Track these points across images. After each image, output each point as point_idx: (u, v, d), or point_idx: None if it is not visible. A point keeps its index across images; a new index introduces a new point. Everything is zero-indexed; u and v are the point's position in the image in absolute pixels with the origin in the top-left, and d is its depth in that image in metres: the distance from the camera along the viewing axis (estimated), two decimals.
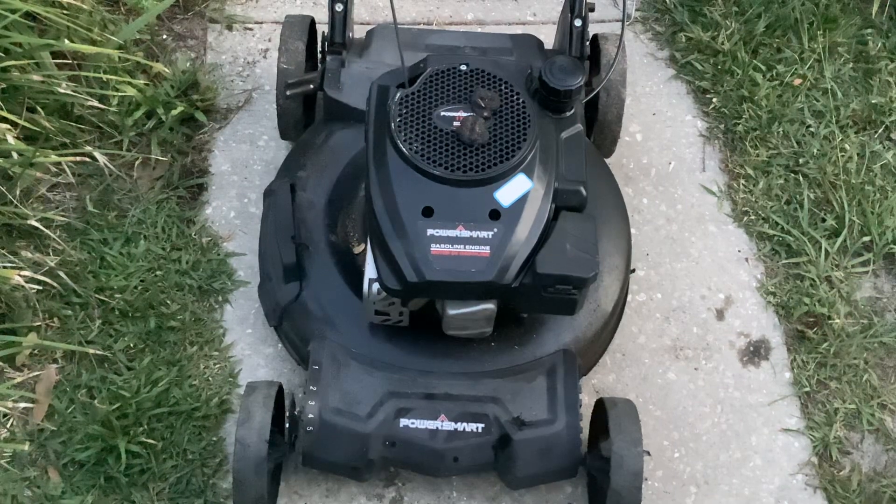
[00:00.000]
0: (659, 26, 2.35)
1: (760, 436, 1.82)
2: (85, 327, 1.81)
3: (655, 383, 1.86)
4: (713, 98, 2.21)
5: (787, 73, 2.23)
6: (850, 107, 2.20)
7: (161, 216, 1.95)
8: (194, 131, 2.09)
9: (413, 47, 1.82)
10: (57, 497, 1.66)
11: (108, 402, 1.72)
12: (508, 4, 2.39)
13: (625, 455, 1.55)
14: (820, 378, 1.88)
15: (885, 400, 1.86)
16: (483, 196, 1.48)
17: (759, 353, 1.91)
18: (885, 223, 2.03)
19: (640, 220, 2.05)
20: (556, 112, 1.57)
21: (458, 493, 1.72)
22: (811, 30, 2.29)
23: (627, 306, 1.91)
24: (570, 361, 1.66)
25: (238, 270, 1.92)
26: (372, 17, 2.32)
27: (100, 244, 1.91)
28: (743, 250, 2.03)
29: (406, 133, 1.51)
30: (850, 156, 2.12)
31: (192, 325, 1.84)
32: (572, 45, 1.88)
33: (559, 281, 1.47)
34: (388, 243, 1.46)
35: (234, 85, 2.18)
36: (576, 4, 1.87)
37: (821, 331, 1.92)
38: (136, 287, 1.86)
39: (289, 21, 1.99)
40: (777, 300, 1.96)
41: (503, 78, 1.57)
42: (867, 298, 1.98)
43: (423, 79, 1.57)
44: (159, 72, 2.05)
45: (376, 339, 1.68)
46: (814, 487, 1.77)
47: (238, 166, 2.06)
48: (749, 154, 2.13)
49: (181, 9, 2.26)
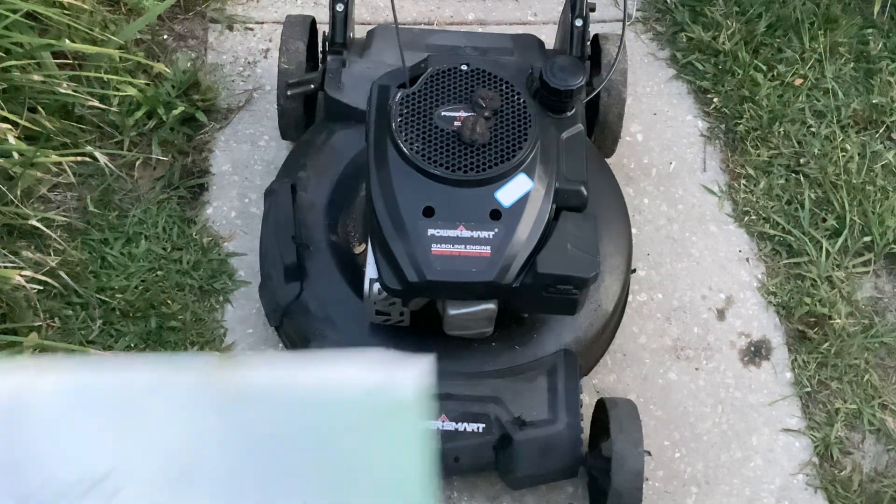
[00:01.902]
0: (660, 26, 2.35)
1: (761, 436, 1.82)
2: (86, 327, 1.81)
3: (656, 383, 1.86)
4: (714, 98, 2.21)
5: (788, 73, 2.23)
6: (851, 107, 2.20)
7: (162, 216, 1.95)
8: (195, 131, 2.09)
9: (414, 47, 1.82)
10: None
11: None
12: (509, 4, 2.39)
13: (626, 455, 1.55)
14: (821, 378, 1.88)
15: (886, 400, 1.86)
16: (484, 196, 1.48)
17: (760, 353, 1.91)
18: (886, 223, 2.03)
19: (641, 220, 2.05)
20: (557, 112, 1.57)
21: (459, 493, 1.72)
22: (812, 30, 2.29)
23: (628, 306, 1.91)
24: (571, 361, 1.66)
25: (239, 270, 1.92)
26: (373, 17, 2.32)
27: (100, 244, 1.91)
28: (744, 250, 2.03)
29: (407, 133, 1.51)
30: (851, 156, 2.12)
31: (192, 325, 1.84)
32: (573, 45, 1.88)
33: (560, 281, 1.47)
34: (389, 243, 1.46)
35: (234, 85, 2.18)
36: (576, 4, 1.87)
37: (822, 331, 1.92)
38: (136, 287, 1.86)
39: (289, 21, 1.99)
40: (778, 300, 1.96)
41: (504, 78, 1.57)
42: (868, 298, 1.98)
43: (423, 79, 1.57)
44: (160, 72, 2.05)
45: (377, 339, 1.68)
46: (815, 487, 1.77)
47: (239, 166, 2.06)
48: (750, 154, 2.13)
49: (182, 9, 2.26)
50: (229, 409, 0.48)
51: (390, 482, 0.53)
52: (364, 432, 0.51)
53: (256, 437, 0.49)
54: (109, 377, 0.47)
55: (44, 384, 0.45)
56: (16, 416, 0.44)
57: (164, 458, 0.47)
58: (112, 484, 0.45)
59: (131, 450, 0.46)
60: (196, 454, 0.48)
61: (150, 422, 0.47)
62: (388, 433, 0.51)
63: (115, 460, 0.46)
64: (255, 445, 0.49)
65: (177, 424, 0.47)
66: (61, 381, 0.45)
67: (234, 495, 0.49)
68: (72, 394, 0.45)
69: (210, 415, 0.48)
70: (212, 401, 0.48)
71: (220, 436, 0.48)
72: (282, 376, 0.50)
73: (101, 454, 0.45)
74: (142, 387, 0.46)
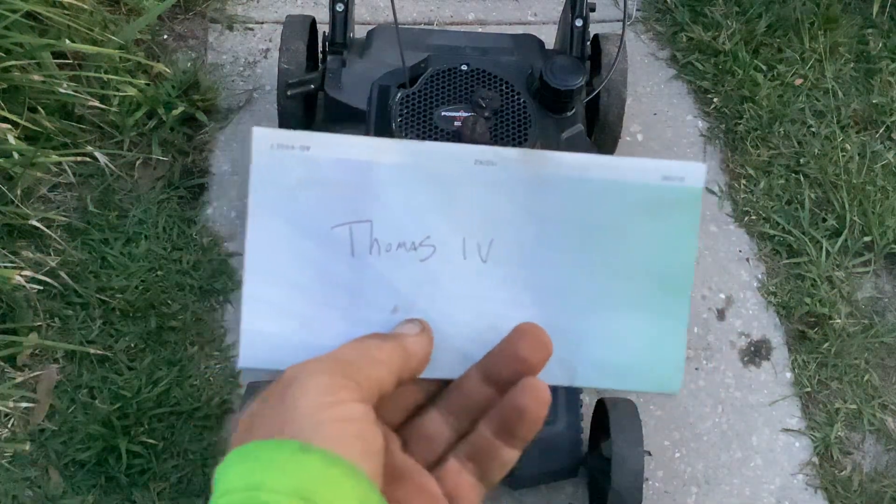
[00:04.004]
0: (660, 26, 2.35)
1: (761, 436, 1.82)
2: (86, 327, 1.81)
3: None
4: (714, 98, 2.21)
5: (788, 73, 2.23)
6: (851, 107, 2.20)
7: (162, 216, 1.95)
8: (195, 131, 2.09)
9: (414, 47, 1.82)
10: (58, 497, 1.66)
11: (108, 402, 1.72)
12: (509, 4, 2.39)
13: (626, 455, 1.55)
14: (821, 378, 1.88)
15: (886, 400, 1.86)
16: None
17: (760, 353, 1.91)
18: (886, 223, 2.03)
19: None
20: (557, 112, 1.57)
21: None
22: (812, 30, 2.29)
23: None
24: None
25: (239, 270, 1.92)
26: (373, 17, 2.32)
27: (101, 244, 1.91)
28: (744, 250, 2.03)
29: (407, 133, 1.51)
30: (851, 156, 2.12)
31: (192, 325, 1.84)
32: (573, 45, 1.88)
33: None
34: None
35: (234, 85, 2.18)
36: (576, 4, 1.86)
37: (822, 331, 1.92)
38: (136, 287, 1.86)
39: (290, 21, 1.99)
40: (778, 300, 1.96)
41: (504, 78, 1.57)
42: (868, 298, 1.98)
43: (423, 79, 1.57)
44: (160, 72, 2.05)
45: None
46: (815, 487, 1.77)
47: (239, 166, 2.06)
48: (750, 154, 2.13)
49: (182, 9, 2.26)
50: (530, 194, 0.58)
51: (660, 271, 0.62)
52: (653, 219, 0.60)
53: (552, 218, 0.59)
54: (436, 163, 0.58)
55: (387, 158, 0.57)
56: (368, 177, 0.57)
57: (469, 233, 0.58)
58: (425, 250, 0.58)
59: (442, 224, 0.58)
60: (495, 232, 0.58)
61: (461, 202, 0.58)
62: (672, 223, 0.60)
63: (430, 230, 0.58)
64: (548, 226, 0.59)
65: (485, 206, 0.58)
66: (399, 160, 0.58)
67: (525, 272, 0.59)
68: (407, 170, 0.57)
69: (514, 198, 0.58)
70: (516, 187, 0.58)
71: (519, 218, 0.58)
72: (583, 165, 0.58)
73: (420, 224, 0.58)
74: (458, 173, 0.58)
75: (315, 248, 0.58)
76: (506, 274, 0.59)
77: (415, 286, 0.58)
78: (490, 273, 0.58)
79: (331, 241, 0.58)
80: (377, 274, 0.58)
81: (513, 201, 0.58)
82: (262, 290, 0.58)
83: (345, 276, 0.58)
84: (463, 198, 0.58)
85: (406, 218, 0.58)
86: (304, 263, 0.58)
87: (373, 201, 0.58)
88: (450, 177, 0.58)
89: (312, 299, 0.58)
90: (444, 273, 0.58)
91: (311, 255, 0.58)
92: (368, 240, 0.58)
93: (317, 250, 0.58)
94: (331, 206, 0.58)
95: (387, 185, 0.58)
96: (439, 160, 0.58)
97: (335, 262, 0.58)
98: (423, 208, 0.58)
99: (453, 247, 0.58)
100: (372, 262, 0.58)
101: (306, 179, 0.58)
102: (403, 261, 0.58)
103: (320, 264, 0.58)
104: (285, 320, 0.58)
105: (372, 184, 0.58)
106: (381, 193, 0.58)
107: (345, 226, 0.58)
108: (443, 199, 0.58)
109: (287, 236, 0.58)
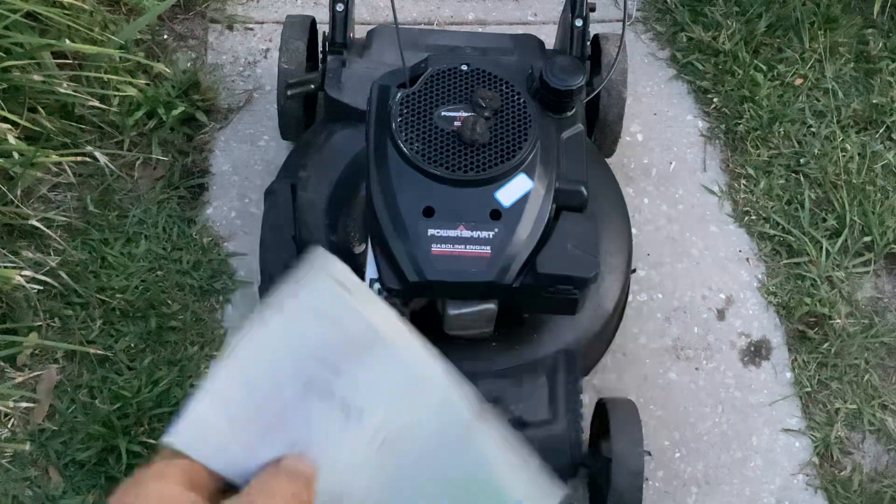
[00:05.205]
0: (660, 26, 2.35)
1: (761, 436, 1.82)
2: (86, 327, 1.81)
3: (656, 383, 1.86)
4: (714, 98, 2.21)
5: (788, 73, 2.23)
6: (852, 107, 2.20)
7: (162, 216, 1.95)
8: (195, 131, 2.09)
9: (414, 47, 1.82)
10: (58, 497, 1.66)
11: (108, 402, 1.72)
12: (509, 4, 2.39)
13: (626, 455, 1.55)
14: (821, 378, 1.88)
15: (886, 400, 1.86)
16: (484, 196, 1.47)
17: (760, 353, 1.91)
18: (886, 223, 2.03)
19: (641, 220, 2.05)
20: (557, 112, 1.57)
21: None
22: (812, 30, 2.29)
23: (628, 306, 1.91)
24: (571, 361, 1.66)
25: (239, 270, 1.92)
26: (373, 17, 2.32)
27: (101, 244, 1.91)
28: (744, 250, 2.03)
29: (407, 133, 1.51)
30: (851, 156, 2.12)
31: (192, 325, 1.84)
32: (573, 45, 1.88)
33: (560, 281, 1.46)
34: (389, 243, 1.46)
35: (234, 85, 2.18)
36: (576, 4, 1.86)
37: (822, 331, 1.92)
38: (136, 287, 1.86)
39: (290, 21, 1.99)
40: (778, 300, 1.96)
41: (504, 78, 1.57)
42: (868, 298, 1.98)
43: (423, 79, 1.57)
44: (160, 72, 2.05)
45: None
46: (815, 488, 1.77)
47: (239, 166, 2.06)
48: (750, 154, 2.13)
49: (182, 9, 2.26)
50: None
51: None
52: None
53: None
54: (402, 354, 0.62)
55: (390, 339, 0.61)
56: (368, 341, 0.61)
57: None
58: (359, 412, 0.60)
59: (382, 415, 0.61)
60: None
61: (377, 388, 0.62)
62: None
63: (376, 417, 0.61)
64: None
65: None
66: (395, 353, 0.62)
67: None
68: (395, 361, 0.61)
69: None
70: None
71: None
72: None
73: (372, 406, 0.61)
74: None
75: (289, 379, 0.60)
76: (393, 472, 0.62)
77: (331, 448, 0.60)
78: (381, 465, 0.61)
79: (303, 372, 0.60)
80: (309, 420, 0.60)
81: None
82: (228, 387, 0.60)
83: (289, 411, 0.60)
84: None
85: (368, 394, 0.60)
86: (273, 389, 0.60)
87: (355, 362, 0.60)
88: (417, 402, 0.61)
89: (258, 424, 0.60)
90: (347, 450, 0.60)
91: (281, 381, 0.60)
92: (330, 390, 0.60)
93: (289, 381, 0.60)
94: (324, 347, 0.60)
95: (373, 359, 0.60)
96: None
97: (293, 395, 0.60)
98: (383, 397, 0.61)
99: (369, 440, 0.61)
100: (315, 407, 0.60)
101: (327, 313, 0.60)
102: (339, 424, 0.60)
103: (283, 397, 0.60)
104: (228, 426, 0.59)
105: (364, 349, 0.60)
106: (365, 361, 0.60)
107: (323, 368, 0.60)
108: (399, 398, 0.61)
109: (278, 353, 0.60)
